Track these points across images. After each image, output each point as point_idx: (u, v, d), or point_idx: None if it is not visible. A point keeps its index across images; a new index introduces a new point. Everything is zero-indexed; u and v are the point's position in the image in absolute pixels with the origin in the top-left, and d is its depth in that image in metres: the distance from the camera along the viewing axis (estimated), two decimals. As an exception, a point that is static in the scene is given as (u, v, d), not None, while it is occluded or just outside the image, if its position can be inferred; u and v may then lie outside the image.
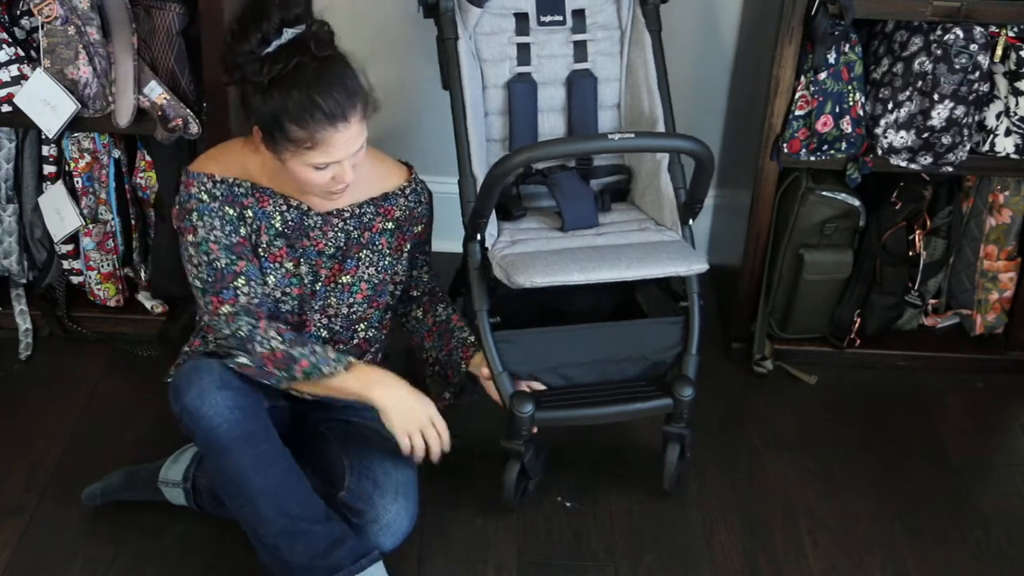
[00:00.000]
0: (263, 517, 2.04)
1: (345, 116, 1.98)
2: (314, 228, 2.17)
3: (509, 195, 2.48)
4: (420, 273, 2.36)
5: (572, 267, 2.20)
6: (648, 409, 2.29)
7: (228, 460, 2.02)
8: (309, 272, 2.19)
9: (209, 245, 2.09)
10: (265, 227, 2.14)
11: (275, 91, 1.96)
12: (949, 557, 2.35)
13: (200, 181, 2.10)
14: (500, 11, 2.47)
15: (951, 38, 2.46)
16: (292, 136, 1.98)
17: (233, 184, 2.11)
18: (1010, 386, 2.84)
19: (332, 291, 2.21)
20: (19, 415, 2.60)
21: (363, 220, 2.20)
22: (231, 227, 2.11)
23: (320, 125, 1.96)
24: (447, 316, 2.37)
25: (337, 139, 1.99)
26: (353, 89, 2.00)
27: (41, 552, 2.26)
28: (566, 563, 2.30)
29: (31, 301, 2.85)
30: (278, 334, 2.07)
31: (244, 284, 2.10)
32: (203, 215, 2.09)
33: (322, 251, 2.19)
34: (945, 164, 2.58)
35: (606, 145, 2.22)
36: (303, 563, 2.05)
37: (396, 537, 2.17)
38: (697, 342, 2.31)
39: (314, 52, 1.97)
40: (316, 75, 1.96)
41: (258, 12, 1.97)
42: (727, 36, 2.97)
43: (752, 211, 2.72)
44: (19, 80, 2.55)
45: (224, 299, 2.08)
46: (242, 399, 2.04)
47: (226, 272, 2.09)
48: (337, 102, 1.97)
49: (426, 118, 2.93)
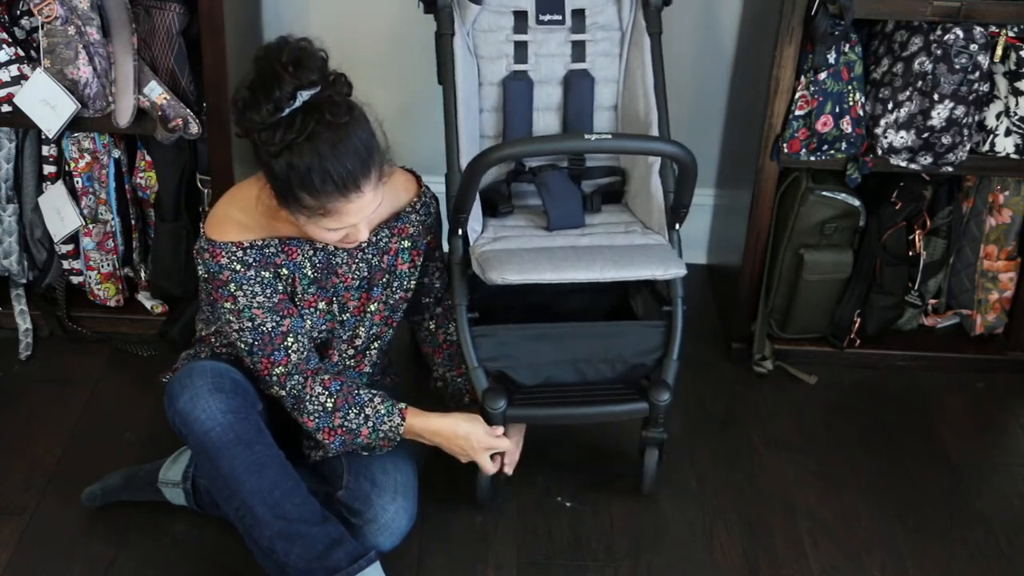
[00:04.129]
0: (258, 520, 2.04)
1: (359, 186, 1.93)
2: (342, 265, 2.16)
3: (499, 192, 2.48)
4: (432, 280, 2.35)
5: (546, 266, 2.20)
6: (623, 412, 2.28)
7: (222, 463, 2.02)
8: (338, 307, 2.19)
9: (253, 311, 2.08)
10: (299, 277, 2.13)
11: (287, 158, 1.89)
12: (949, 557, 2.35)
13: (229, 251, 2.05)
14: (499, 8, 2.47)
15: (951, 38, 2.46)
16: (304, 203, 1.93)
17: (263, 247, 2.07)
18: (1010, 386, 2.84)
19: (360, 321, 2.22)
20: (19, 415, 2.60)
21: (380, 246, 2.19)
22: (271, 289, 2.09)
23: (332, 196, 1.92)
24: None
25: (349, 208, 1.95)
26: (367, 156, 1.93)
27: (41, 552, 2.26)
28: (566, 563, 2.30)
29: (31, 301, 2.85)
30: (324, 388, 2.11)
31: (293, 342, 2.10)
32: (241, 284, 2.06)
33: (349, 285, 2.18)
34: (945, 164, 2.58)
35: (583, 144, 2.23)
36: (300, 565, 2.05)
37: (395, 537, 2.17)
38: (679, 347, 2.28)
39: (329, 119, 1.89)
40: (330, 144, 1.88)
41: (269, 79, 1.88)
42: (727, 36, 2.97)
43: (752, 211, 2.72)
44: (19, 80, 2.55)
45: (276, 360, 2.10)
46: (234, 402, 2.05)
47: (274, 335, 2.09)
48: (350, 172, 1.90)
49: (424, 117, 2.93)
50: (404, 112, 3.01)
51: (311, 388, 2.11)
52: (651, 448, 2.35)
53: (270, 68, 1.89)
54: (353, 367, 2.27)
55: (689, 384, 2.69)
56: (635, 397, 2.27)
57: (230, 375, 2.09)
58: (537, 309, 2.38)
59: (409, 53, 2.89)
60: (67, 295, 2.85)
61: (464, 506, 2.39)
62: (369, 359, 2.28)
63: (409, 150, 2.51)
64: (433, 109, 2.44)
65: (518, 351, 2.26)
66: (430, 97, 2.64)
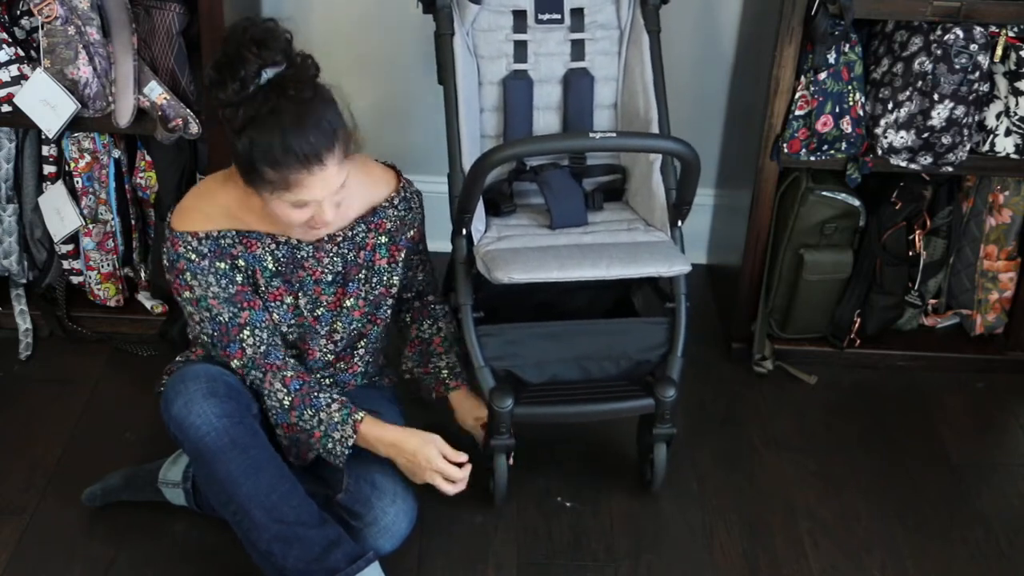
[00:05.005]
0: (256, 523, 2.04)
1: (320, 159, 1.93)
2: (308, 258, 2.15)
3: (501, 191, 2.48)
4: (415, 273, 2.35)
5: (552, 264, 2.20)
6: (629, 409, 2.29)
7: (218, 468, 2.02)
8: (309, 302, 2.18)
9: (209, 302, 2.09)
10: (260, 270, 2.13)
11: (250, 133, 1.92)
12: (949, 557, 2.35)
13: (185, 241, 2.07)
14: (498, 8, 2.47)
15: (951, 38, 2.46)
16: (267, 178, 1.94)
17: (219, 237, 2.09)
18: (1010, 386, 2.84)
19: (338, 316, 2.21)
20: (19, 415, 2.60)
21: (356, 240, 2.18)
22: (227, 279, 2.10)
23: (293, 168, 1.93)
24: (430, 336, 2.36)
25: (312, 181, 1.95)
26: (331, 130, 1.95)
27: (41, 552, 2.26)
28: (566, 563, 2.30)
29: (31, 301, 2.85)
30: (284, 386, 2.11)
31: (249, 335, 2.11)
32: (196, 274, 2.08)
33: (319, 279, 2.17)
34: (945, 164, 2.58)
35: (587, 143, 2.23)
36: (299, 567, 2.04)
37: (395, 539, 2.17)
38: (683, 343, 2.29)
39: (292, 94, 1.92)
40: (293, 117, 1.91)
41: (234, 58, 1.91)
42: (727, 36, 2.97)
43: (752, 211, 2.72)
44: (19, 80, 2.55)
45: (231, 353, 2.12)
46: (228, 406, 2.05)
47: (231, 325, 2.10)
48: (312, 145, 1.92)
49: (422, 116, 2.93)
50: (403, 112, 3.02)
51: (270, 384, 2.12)
52: (659, 444, 2.35)
53: (235, 48, 1.92)
54: (345, 369, 2.28)
55: (689, 384, 2.68)
56: (640, 394, 2.28)
57: (224, 379, 2.09)
58: (540, 307, 2.38)
59: (408, 53, 2.89)
60: (67, 295, 2.85)
61: (464, 506, 2.38)
62: (360, 359, 2.27)
63: (408, 150, 2.52)
64: (431, 108, 2.44)
65: (524, 350, 2.26)
66: (429, 97, 2.64)
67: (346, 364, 2.27)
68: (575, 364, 2.28)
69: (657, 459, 2.37)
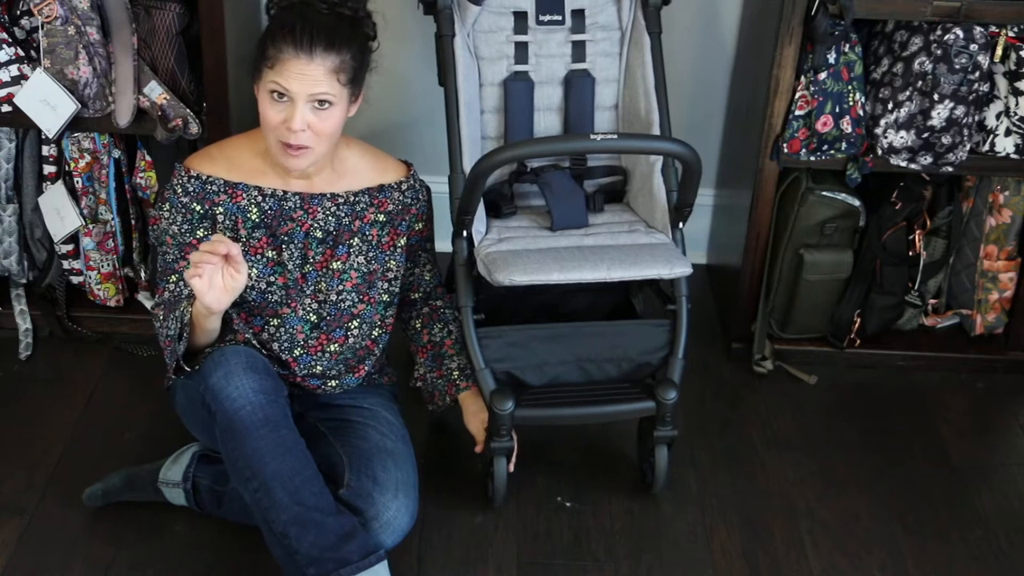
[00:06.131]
0: (276, 502, 2.03)
1: (311, 50, 2.02)
2: (296, 209, 2.19)
3: (502, 193, 2.48)
4: (422, 271, 2.36)
5: (553, 266, 2.20)
6: (630, 411, 2.29)
7: (247, 442, 2.02)
8: (298, 256, 2.20)
9: (165, 237, 2.19)
10: (242, 220, 2.17)
11: (279, 11, 2.07)
12: (949, 557, 2.35)
13: (180, 175, 2.19)
14: (499, 9, 2.47)
15: (951, 38, 2.46)
16: (266, 53, 2.04)
17: (207, 181, 2.17)
18: (1010, 386, 2.85)
19: (323, 276, 2.23)
20: (19, 415, 2.60)
21: (356, 208, 2.22)
22: (189, 225, 2.17)
23: (285, 45, 2.02)
24: (441, 339, 2.37)
25: (294, 66, 2.02)
26: (340, 42, 2.05)
27: (41, 552, 2.26)
28: (566, 563, 2.30)
29: (31, 301, 2.85)
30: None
31: (174, 283, 2.19)
32: (172, 207, 2.18)
33: (309, 232, 2.20)
34: (945, 164, 2.58)
35: (589, 145, 2.23)
36: (312, 554, 2.03)
37: (396, 535, 2.17)
38: (684, 346, 2.30)
39: (333, 1, 2.06)
40: (314, 11, 2.04)
41: None
42: (727, 36, 2.97)
43: (752, 211, 2.72)
44: (19, 80, 2.55)
45: (158, 288, 2.23)
46: (266, 383, 2.06)
47: (170, 267, 2.19)
48: (312, 37, 2.01)
49: (425, 117, 2.93)
50: (403, 113, 3.02)
51: (165, 317, 2.17)
52: (661, 446, 2.35)
53: None
54: (350, 371, 2.29)
55: (689, 384, 2.68)
56: (641, 396, 2.28)
57: (260, 358, 2.11)
58: (541, 309, 2.38)
59: (408, 54, 2.89)
60: (67, 295, 2.85)
61: (464, 506, 2.39)
62: (362, 346, 2.27)
63: (409, 151, 2.52)
64: (431, 110, 2.44)
65: (525, 352, 2.27)
66: (430, 99, 2.64)
67: (348, 367, 2.28)
68: (576, 366, 2.28)
69: (658, 461, 2.37)
